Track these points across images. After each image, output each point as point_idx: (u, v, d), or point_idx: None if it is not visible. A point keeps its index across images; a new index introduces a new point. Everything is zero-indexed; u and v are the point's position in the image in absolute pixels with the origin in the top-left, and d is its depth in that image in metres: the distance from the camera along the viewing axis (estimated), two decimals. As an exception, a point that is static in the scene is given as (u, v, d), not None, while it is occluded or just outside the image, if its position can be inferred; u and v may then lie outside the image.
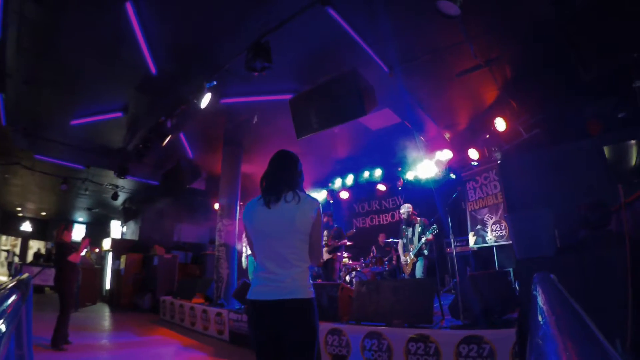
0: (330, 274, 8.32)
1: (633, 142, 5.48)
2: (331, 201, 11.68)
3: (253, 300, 2.35)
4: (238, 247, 8.91)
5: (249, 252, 10.49)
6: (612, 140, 5.64)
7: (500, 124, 6.66)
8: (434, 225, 6.71)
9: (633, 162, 5.55)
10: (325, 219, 9.58)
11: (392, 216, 11.19)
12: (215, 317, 7.65)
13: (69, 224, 6.56)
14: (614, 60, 4.65)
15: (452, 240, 6.42)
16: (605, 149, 5.58)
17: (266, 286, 2.31)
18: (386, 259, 8.96)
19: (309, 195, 2.46)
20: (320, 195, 11.74)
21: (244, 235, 10.68)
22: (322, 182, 11.54)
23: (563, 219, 4.94)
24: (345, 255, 9.50)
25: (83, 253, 6.73)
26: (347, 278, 8.79)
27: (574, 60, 4.67)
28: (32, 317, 2.94)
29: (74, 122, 8.53)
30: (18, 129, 9.01)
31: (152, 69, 6.94)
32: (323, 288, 6.01)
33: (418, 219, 7.01)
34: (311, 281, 2.43)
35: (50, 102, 8.09)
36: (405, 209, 7.11)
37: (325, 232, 9.37)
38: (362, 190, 11.06)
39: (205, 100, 6.79)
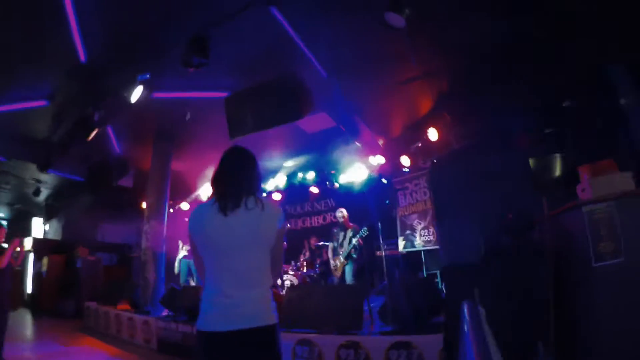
0: None
1: (557, 155, 5.80)
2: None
3: (205, 331, 1.86)
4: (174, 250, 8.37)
5: (182, 255, 9.95)
6: (539, 154, 5.97)
7: (432, 134, 6.79)
8: (364, 228, 6.67)
9: (557, 173, 5.87)
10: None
11: (324, 218, 11.16)
12: (142, 326, 7.14)
13: None
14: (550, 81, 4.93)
15: (382, 244, 6.45)
16: (531, 161, 5.86)
17: (221, 314, 1.83)
18: (317, 261, 8.83)
19: (271, 201, 2.07)
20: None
21: (179, 241, 10.13)
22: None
23: (488, 227, 5.07)
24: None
25: (17, 255, 5.95)
26: (278, 282, 8.55)
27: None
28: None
29: None
30: None
31: (82, 55, 6.39)
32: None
33: (351, 224, 6.95)
34: (274, 303, 1.99)
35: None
36: (340, 213, 7.03)
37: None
38: (295, 192, 10.89)
39: (136, 94, 6.35)
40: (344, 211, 7.06)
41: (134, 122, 8.31)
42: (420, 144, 7.25)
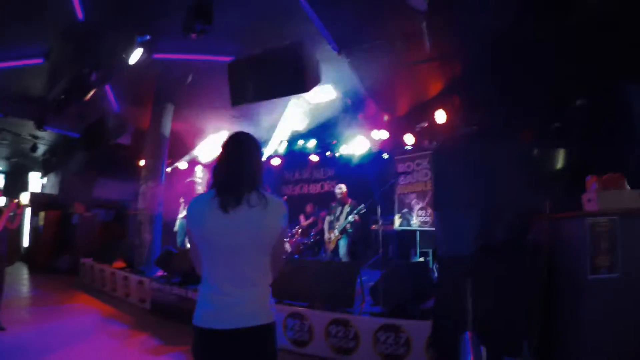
0: None
1: (562, 149, 5.82)
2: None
3: (201, 327, 1.83)
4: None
5: (182, 215, 10.09)
6: (543, 147, 5.99)
7: (440, 116, 6.75)
8: (362, 205, 6.73)
9: (558, 166, 5.90)
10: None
11: (322, 187, 11.15)
12: (137, 285, 7.35)
13: None
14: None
15: (379, 219, 6.53)
16: (535, 153, 5.89)
17: (218, 311, 1.80)
18: (313, 230, 8.95)
19: (274, 197, 1.94)
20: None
21: (181, 199, 10.23)
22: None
23: (486, 221, 5.13)
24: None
25: (13, 219, 5.77)
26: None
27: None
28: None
29: None
30: None
31: (79, 13, 6.21)
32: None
33: (349, 200, 7.00)
34: (273, 300, 1.95)
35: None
36: (340, 189, 7.07)
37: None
38: (294, 158, 10.88)
39: (136, 55, 6.22)
40: (343, 187, 7.09)
41: (133, 82, 8.19)
42: (426, 124, 7.20)
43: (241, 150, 1.95)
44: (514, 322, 3.77)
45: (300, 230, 8.92)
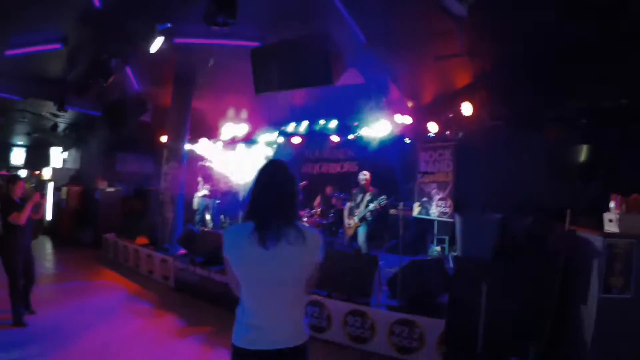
0: None
1: (585, 145, 5.90)
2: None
3: (241, 348, 1.95)
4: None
5: (202, 194, 10.44)
6: (568, 143, 6.08)
7: (466, 108, 6.78)
8: (383, 197, 6.90)
9: (581, 159, 5.99)
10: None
11: (342, 167, 11.35)
12: (160, 263, 7.73)
13: (15, 179, 5.47)
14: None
15: (399, 205, 6.72)
16: (560, 149, 5.99)
17: (257, 333, 1.93)
18: (331, 211, 9.18)
19: (309, 228, 2.01)
20: (273, 136, 11.57)
21: (199, 178, 10.54)
22: (276, 124, 11.29)
23: (506, 225, 5.30)
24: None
25: (37, 209, 5.73)
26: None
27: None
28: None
29: (9, 52, 7.71)
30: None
31: (96, 1, 6.26)
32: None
33: (371, 188, 7.16)
34: (307, 319, 2.14)
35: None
36: (363, 176, 7.22)
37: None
38: (315, 138, 11.00)
39: (157, 44, 6.30)
40: (367, 174, 7.21)
41: (153, 64, 8.27)
42: (451, 115, 7.25)
43: (279, 182, 1.99)
44: (525, 326, 3.98)
45: (319, 210, 9.16)
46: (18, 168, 16.36)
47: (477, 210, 6.70)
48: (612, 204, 3.76)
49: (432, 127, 7.86)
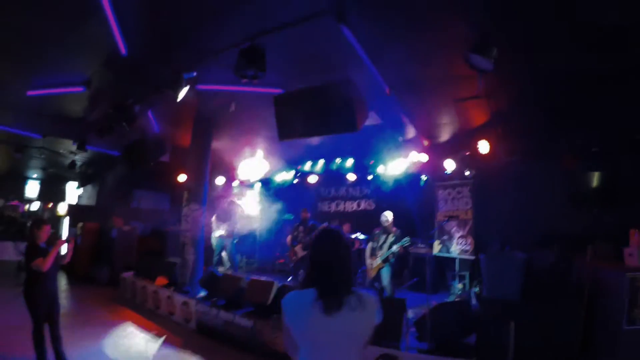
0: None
1: (596, 173, 6.12)
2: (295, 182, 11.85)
3: None
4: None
5: (218, 234, 10.61)
6: (582, 172, 6.31)
7: (483, 146, 7.03)
8: (407, 238, 7.06)
9: (593, 185, 6.19)
10: (304, 215, 9.80)
11: (358, 205, 11.55)
12: (182, 306, 7.83)
13: (40, 223, 5.28)
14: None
15: (418, 242, 6.87)
16: (576, 179, 6.21)
17: None
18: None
19: (366, 293, 2.11)
20: (289, 175, 11.82)
21: (213, 218, 10.73)
22: (293, 163, 11.57)
23: (530, 263, 5.45)
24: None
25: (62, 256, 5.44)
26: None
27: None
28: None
29: (31, 92, 8.00)
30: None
31: (122, 48, 6.54)
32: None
33: (394, 229, 7.31)
34: None
35: (4, 71, 7.48)
36: (385, 217, 7.38)
37: (300, 228, 9.60)
38: (331, 176, 11.26)
39: (183, 92, 6.54)
40: (390, 215, 7.37)
41: (173, 107, 8.59)
42: (468, 153, 7.50)
43: (336, 250, 2.11)
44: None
45: None
46: (32, 200, 16.66)
47: (498, 246, 6.86)
48: (632, 239, 3.96)
49: (449, 165, 8.10)
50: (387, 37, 5.13)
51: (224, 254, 10.86)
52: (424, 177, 9.24)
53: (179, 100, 6.57)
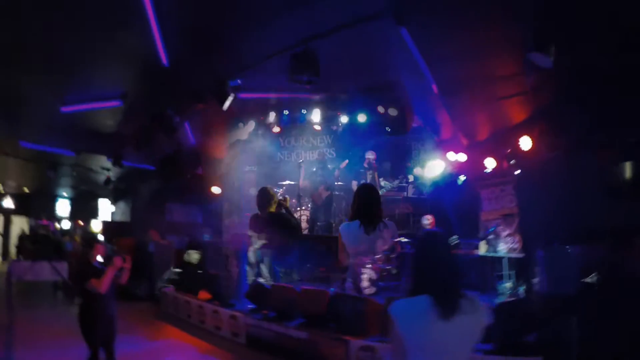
0: None
1: (629, 162, 6.13)
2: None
3: None
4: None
5: (257, 245, 10.62)
6: (618, 162, 6.30)
7: (525, 143, 6.98)
8: (455, 236, 7.03)
9: (627, 176, 6.19)
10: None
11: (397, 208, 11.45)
12: (229, 320, 7.86)
13: (93, 242, 5.25)
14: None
15: (460, 243, 6.83)
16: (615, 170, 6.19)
17: None
18: (393, 255, 9.23)
19: (474, 294, 2.13)
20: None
21: (249, 230, 10.76)
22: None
23: (588, 253, 5.45)
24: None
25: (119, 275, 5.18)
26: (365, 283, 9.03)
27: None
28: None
29: (65, 108, 8.10)
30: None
31: (164, 59, 6.61)
32: (346, 301, 6.09)
33: None
34: None
35: (38, 87, 7.63)
36: (427, 220, 7.38)
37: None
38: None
39: (229, 101, 6.61)
40: (430, 218, 7.39)
41: (209, 118, 8.70)
42: (509, 150, 7.44)
43: (444, 253, 2.10)
44: (618, 356, 4.08)
45: (382, 255, 9.25)
46: (62, 219, 16.95)
47: (545, 243, 6.80)
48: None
49: (490, 163, 8.03)
50: (439, 37, 5.16)
51: (262, 266, 10.85)
52: (462, 177, 9.17)
53: (225, 108, 6.62)
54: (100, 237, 13.39)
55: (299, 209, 10.32)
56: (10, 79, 7.31)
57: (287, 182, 11.49)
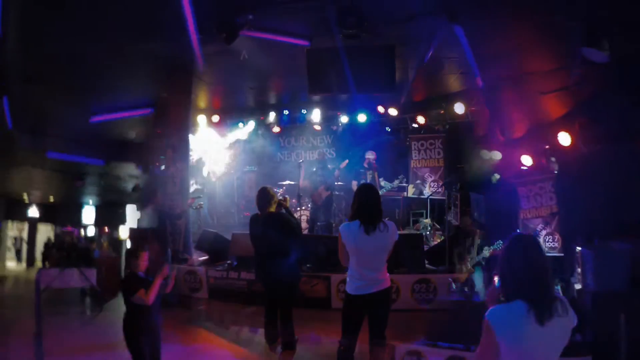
0: None
1: None
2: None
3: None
4: None
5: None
6: None
7: (564, 138, 6.87)
8: (499, 241, 6.95)
9: None
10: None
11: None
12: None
13: (137, 251, 4.79)
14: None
15: (497, 242, 6.74)
16: None
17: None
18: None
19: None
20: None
21: None
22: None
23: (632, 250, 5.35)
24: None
25: (165, 285, 4.87)
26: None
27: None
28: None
29: (94, 119, 8.15)
30: (26, 130, 8.54)
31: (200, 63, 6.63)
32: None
33: (477, 231, 7.23)
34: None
35: (66, 100, 7.72)
36: (465, 222, 7.32)
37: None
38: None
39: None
40: (469, 220, 7.33)
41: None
42: (547, 147, 7.36)
43: (536, 258, 2.09)
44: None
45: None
46: (88, 226, 17.07)
47: (585, 240, 6.69)
48: None
49: (526, 161, 7.96)
50: (489, 33, 5.14)
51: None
52: (496, 176, 9.08)
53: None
54: (127, 242, 13.53)
55: (299, 209, 10.46)
56: (36, 95, 7.39)
57: (287, 182, 11.67)
